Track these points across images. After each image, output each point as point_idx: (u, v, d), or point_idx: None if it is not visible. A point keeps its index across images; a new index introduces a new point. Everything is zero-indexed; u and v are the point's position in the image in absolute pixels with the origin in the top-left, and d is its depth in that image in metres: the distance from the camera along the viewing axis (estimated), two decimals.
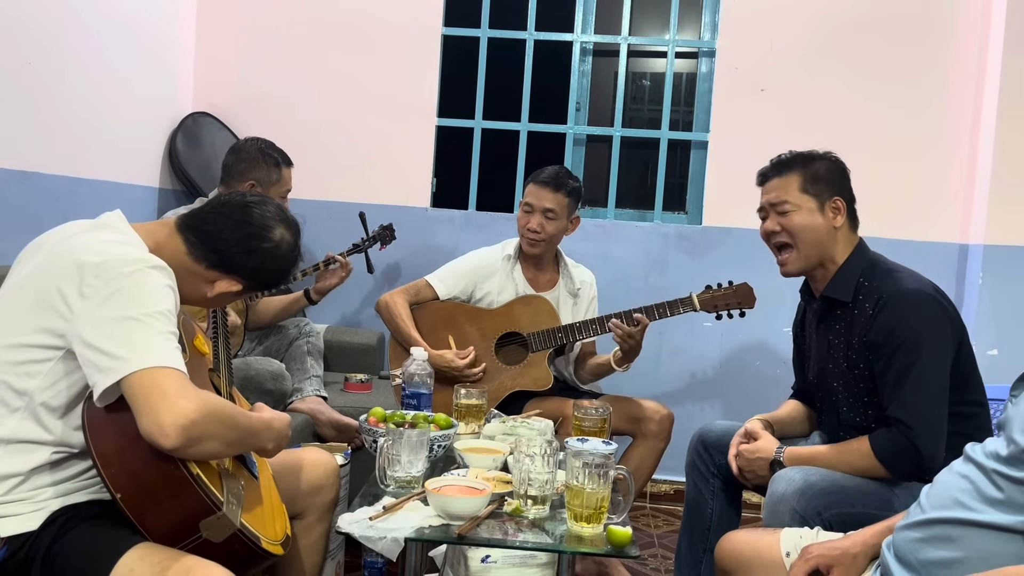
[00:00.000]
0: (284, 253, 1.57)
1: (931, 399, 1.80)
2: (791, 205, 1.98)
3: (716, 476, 2.16)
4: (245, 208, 1.55)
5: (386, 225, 3.26)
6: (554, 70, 3.64)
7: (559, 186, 2.70)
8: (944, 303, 1.87)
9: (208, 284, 1.54)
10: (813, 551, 1.50)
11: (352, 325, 3.54)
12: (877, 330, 1.85)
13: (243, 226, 1.53)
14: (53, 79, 2.72)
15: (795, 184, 1.99)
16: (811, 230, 1.96)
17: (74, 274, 1.35)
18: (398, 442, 1.74)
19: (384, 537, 1.50)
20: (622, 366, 2.65)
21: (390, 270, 3.54)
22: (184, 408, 1.25)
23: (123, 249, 1.42)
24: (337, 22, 3.55)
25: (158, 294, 1.37)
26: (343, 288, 3.55)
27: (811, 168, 1.99)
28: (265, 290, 1.63)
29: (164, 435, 1.23)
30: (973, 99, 3.30)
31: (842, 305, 1.96)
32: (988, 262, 3.13)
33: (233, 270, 1.53)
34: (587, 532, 1.55)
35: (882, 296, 1.87)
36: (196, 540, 1.31)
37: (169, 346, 1.32)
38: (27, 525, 1.35)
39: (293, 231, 1.59)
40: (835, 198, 1.97)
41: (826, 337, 2.01)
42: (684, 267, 3.43)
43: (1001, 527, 1.24)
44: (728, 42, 3.43)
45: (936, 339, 1.82)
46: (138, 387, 1.26)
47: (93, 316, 1.32)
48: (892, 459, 1.80)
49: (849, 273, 1.95)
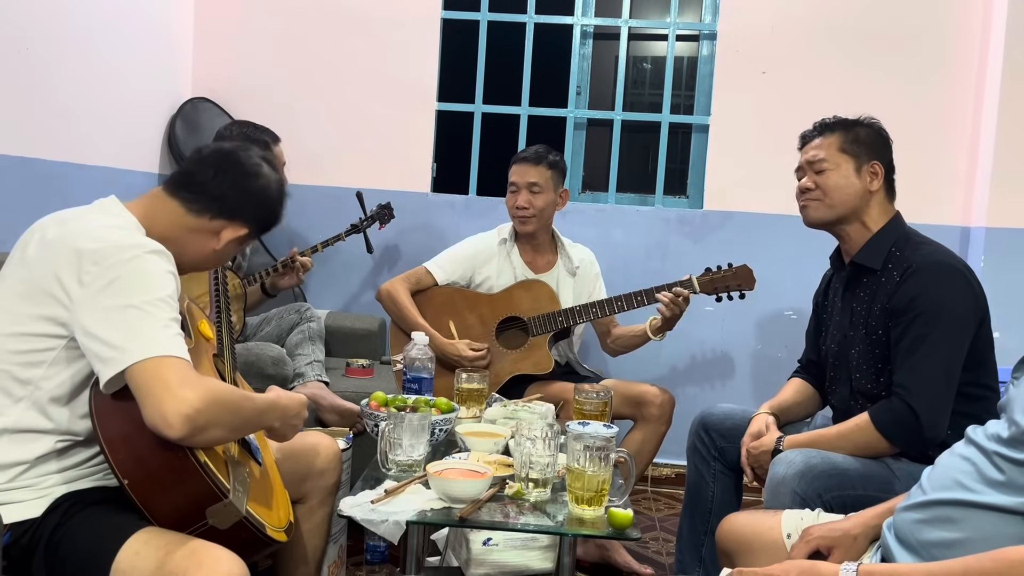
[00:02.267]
0: (276, 191, 1.61)
1: (939, 371, 1.80)
2: (828, 163, 1.98)
3: (717, 459, 2.16)
4: (230, 155, 1.58)
5: (384, 204, 3.26)
6: (554, 54, 3.62)
7: (539, 160, 2.74)
8: (972, 281, 1.87)
9: (214, 236, 1.54)
10: (814, 532, 1.50)
11: (353, 310, 3.54)
12: (900, 297, 1.85)
13: (234, 169, 1.55)
14: (52, 65, 2.71)
15: (835, 144, 1.98)
16: (844, 188, 1.96)
17: (72, 261, 1.35)
18: (399, 426, 1.75)
19: (386, 520, 1.51)
20: (658, 335, 2.69)
21: (391, 256, 3.54)
22: (188, 398, 1.24)
23: (120, 234, 1.41)
24: (336, 6, 3.53)
25: (158, 280, 1.36)
26: (344, 274, 3.56)
27: (853, 131, 1.99)
28: (264, 232, 1.64)
29: (168, 425, 1.24)
30: (975, 81, 3.28)
31: (870, 273, 1.95)
32: (990, 245, 3.12)
33: (236, 214, 1.55)
34: (588, 515, 1.56)
35: (911, 265, 1.87)
36: (202, 526, 1.31)
37: (171, 334, 1.32)
38: (30, 512, 1.35)
39: (276, 171, 1.63)
40: (873, 162, 1.97)
41: (850, 305, 2.01)
42: (685, 251, 3.42)
43: (1002, 508, 1.24)
44: (729, 25, 3.41)
45: (956, 314, 1.82)
46: (141, 377, 1.26)
47: (93, 304, 1.32)
48: (891, 429, 1.80)
49: (882, 241, 1.95)
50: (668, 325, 2.65)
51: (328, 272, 3.57)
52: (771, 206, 3.35)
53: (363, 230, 3.21)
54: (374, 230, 3.24)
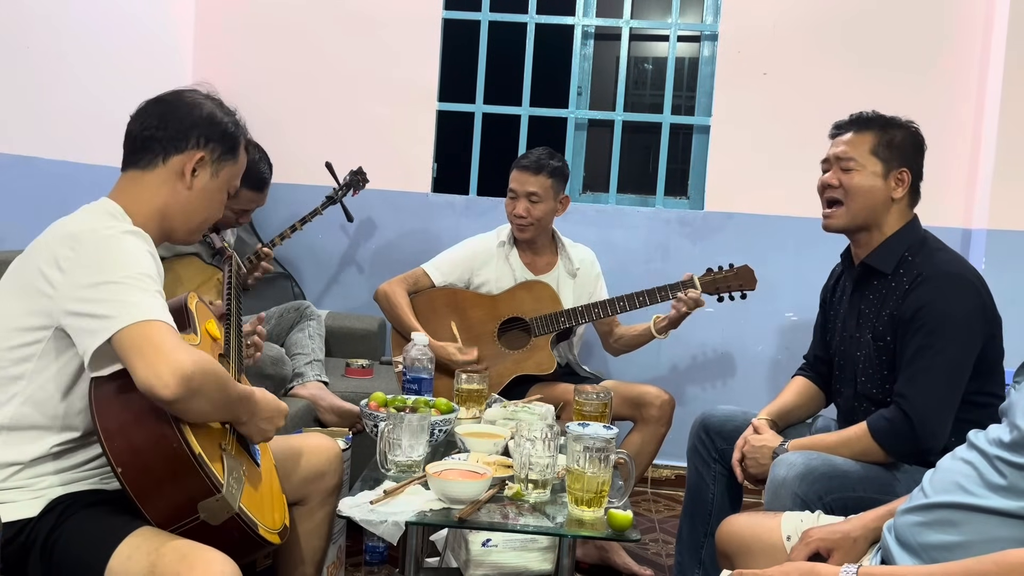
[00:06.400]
0: (210, 103, 1.56)
1: (940, 382, 1.79)
2: (857, 163, 1.93)
3: (717, 461, 2.16)
4: (147, 102, 1.55)
5: (355, 170, 3.22)
6: (555, 54, 3.62)
7: (540, 168, 2.71)
8: (982, 292, 1.85)
9: (180, 178, 1.51)
10: (814, 535, 1.50)
11: (353, 310, 3.53)
12: (907, 306, 1.83)
13: (155, 107, 1.53)
14: (52, 63, 2.71)
15: (868, 144, 1.94)
16: (868, 193, 1.92)
17: (51, 250, 1.35)
18: (399, 426, 1.74)
19: (385, 521, 1.51)
20: (664, 334, 2.70)
21: (391, 256, 3.53)
22: (182, 359, 1.24)
23: (97, 218, 1.42)
24: (337, 6, 3.53)
25: (137, 257, 1.36)
26: (344, 274, 3.56)
27: (888, 133, 1.95)
28: (231, 151, 1.57)
29: (164, 385, 1.22)
30: (977, 82, 3.28)
31: (880, 276, 1.93)
32: (991, 247, 3.12)
33: (181, 141, 1.51)
34: (588, 516, 1.56)
35: (921, 273, 1.84)
36: (194, 521, 1.30)
37: (157, 303, 1.31)
38: (25, 512, 1.34)
39: (208, 95, 1.60)
40: (902, 169, 1.93)
41: (858, 306, 1.99)
42: (686, 252, 3.42)
43: (1003, 512, 1.23)
44: (730, 25, 3.41)
45: (962, 327, 1.80)
46: (130, 342, 1.25)
47: (74, 284, 1.32)
48: (887, 438, 1.79)
49: (895, 245, 1.92)
50: (674, 324, 2.65)
51: (328, 272, 3.57)
52: (772, 207, 3.35)
53: (339, 200, 3.18)
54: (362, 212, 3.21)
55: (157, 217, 1.51)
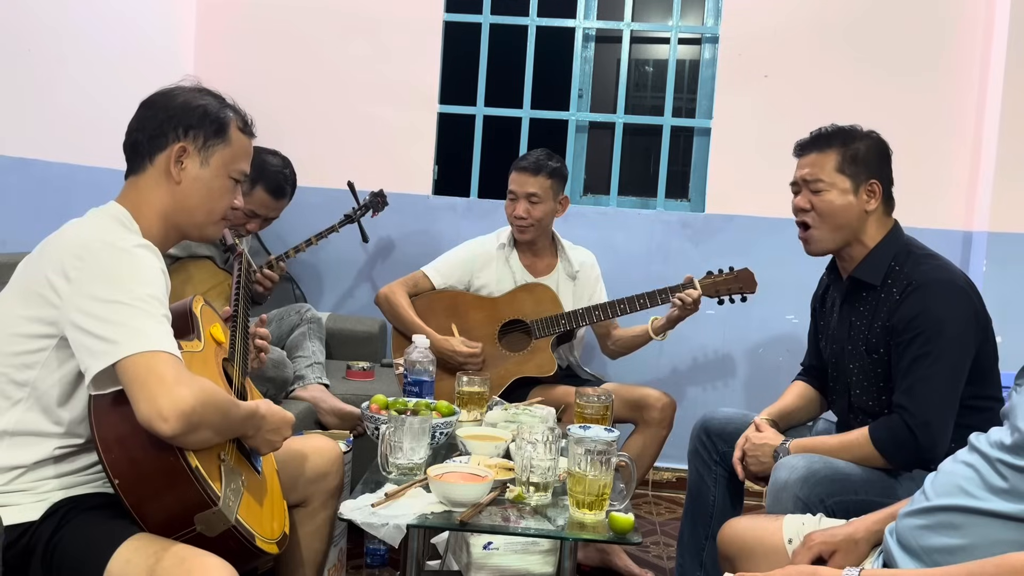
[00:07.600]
0: (192, 92, 1.54)
1: (939, 391, 1.78)
2: (824, 184, 1.93)
3: (719, 463, 2.16)
4: (139, 106, 1.55)
5: (377, 192, 3.23)
6: (556, 56, 3.62)
7: (539, 169, 2.71)
8: (973, 296, 1.84)
9: (172, 173, 1.49)
10: (815, 538, 1.50)
11: (354, 313, 3.53)
12: (900, 316, 1.83)
13: (143, 110, 1.53)
14: (52, 66, 2.71)
15: (832, 162, 1.93)
16: (841, 212, 1.92)
17: (60, 258, 1.35)
18: (400, 429, 1.74)
19: (386, 524, 1.50)
20: (660, 335, 2.71)
21: (392, 258, 3.53)
22: (183, 395, 1.24)
23: (108, 226, 1.41)
24: (338, 8, 3.53)
25: (147, 275, 1.35)
26: (345, 276, 3.56)
27: (851, 147, 1.93)
28: (220, 135, 1.53)
29: (163, 420, 1.22)
30: (978, 85, 3.28)
31: (870, 288, 1.93)
32: (992, 249, 3.12)
33: (166, 136, 1.49)
34: (589, 519, 1.55)
35: (911, 282, 1.84)
36: (190, 532, 1.30)
37: (163, 330, 1.31)
38: (27, 515, 1.34)
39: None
40: (872, 181, 1.92)
41: (848, 318, 1.98)
42: (687, 255, 3.42)
43: (1005, 515, 1.23)
44: (731, 28, 3.41)
45: (956, 333, 1.79)
46: (133, 372, 1.25)
47: (82, 298, 1.31)
48: (889, 448, 1.79)
49: (880, 257, 1.92)
50: (671, 325, 2.65)
51: (329, 274, 3.56)
52: (773, 210, 3.34)
53: (357, 220, 3.19)
54: (368, 220, 3.21)
55: (161, 220, 1.51)
